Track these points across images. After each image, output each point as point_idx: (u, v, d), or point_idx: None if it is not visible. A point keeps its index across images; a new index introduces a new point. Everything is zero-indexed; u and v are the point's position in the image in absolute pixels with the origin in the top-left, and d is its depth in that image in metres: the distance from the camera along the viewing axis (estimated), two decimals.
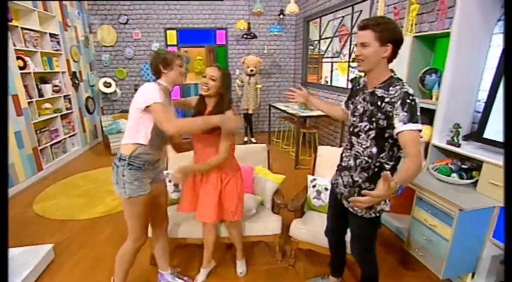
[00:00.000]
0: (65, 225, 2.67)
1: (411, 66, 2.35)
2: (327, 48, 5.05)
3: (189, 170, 1.61)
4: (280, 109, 4.68)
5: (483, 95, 2.00)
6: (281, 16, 5.45)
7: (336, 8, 4.25)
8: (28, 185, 3.49)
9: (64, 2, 4.47)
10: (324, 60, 5.26)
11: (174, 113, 1.56)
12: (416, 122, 1.15)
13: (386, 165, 1.27)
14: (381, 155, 1.27)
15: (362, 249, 1.52)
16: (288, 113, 4.38)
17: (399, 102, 1.15)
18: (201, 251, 1.97)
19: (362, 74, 1.38)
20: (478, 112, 2.04)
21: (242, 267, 2.03)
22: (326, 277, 1.90)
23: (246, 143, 5.22)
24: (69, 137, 4.50)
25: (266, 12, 5.48)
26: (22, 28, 3.53)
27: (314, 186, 2.22)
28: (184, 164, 1.64)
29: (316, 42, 5.38)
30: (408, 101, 1.15)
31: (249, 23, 5.17)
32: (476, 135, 1.93)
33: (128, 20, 5.37)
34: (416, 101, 1.16)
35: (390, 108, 1.18)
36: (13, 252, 2.05)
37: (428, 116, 2.29)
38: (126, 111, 5.67)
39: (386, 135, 1.24)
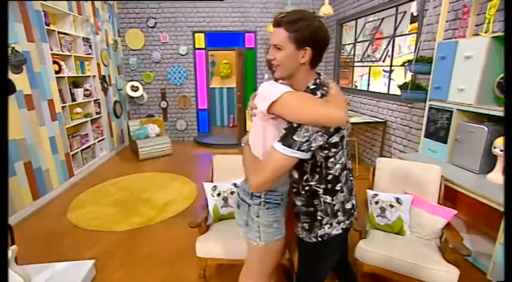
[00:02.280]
0: (101, 237, 2.53)
1: (486, 71, 2.10)
2: (365, 52, 4.82)
3: None
4: None
5: None
6: None
7: (377, 9, 4.03)
8: (60, 192, 3.41)
9: (96, 6, 4.44)
10: (357, 64, 5.02)
11: None
12: (289, 146, 0.94)
13: (317, 188, 1.08)
14: (305, 178, 1.08)
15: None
16: None
17: None
18: None
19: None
20: None
21: None
22: None
23: None
24: (98, 141, 4.43)
25: None
26: (58, 32, 3.49)
27: (377, 203, 2.01)
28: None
29: (346, 45, 5.16)
30: None
31: None
32: None
33: (156, 23, 5.32)
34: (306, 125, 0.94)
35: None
36: (55, 267, 1.93)
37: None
38: (152, 116, 5.58)
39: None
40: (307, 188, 1.10)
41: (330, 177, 1.06)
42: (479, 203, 1.95)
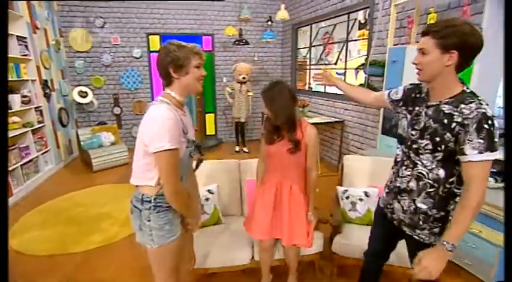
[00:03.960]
0: (56, 262, 2.23)
1: None
2: (321, 55, 5.10)
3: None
4: None
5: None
6: (269, 23, 5.40)
7: (329, 16, 4.29)
8: None
9: (32, 2, 3.94)
10: (312, 67, 5.29)
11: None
12: (495, 150, 0.99)
13: (456, 190, 1.12)
14: (450, 180, 1.10)
15: None
16: None
17: (474, 126, 0.98)
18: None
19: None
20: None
21: None
22: None
23: (238, 152, 5.02)
24: (42, 154, 3.92)
25: (253, 19, 5.39)
26: None
27: (348, 198, 2.12)
28: None
29: (301, 49, 5.41)
30: (486, 126, 0.97)
31: (240, 29, 5.02)
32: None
33: (104, 23, 4.92)
34: (496, 124, 0.99)
35: (461, 130, 1.01)
36: None
37: None
38: (104, 123, 5.13)
39: (457, 158, 1.07)
40: (446, 189, 1.10)
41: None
42: None
